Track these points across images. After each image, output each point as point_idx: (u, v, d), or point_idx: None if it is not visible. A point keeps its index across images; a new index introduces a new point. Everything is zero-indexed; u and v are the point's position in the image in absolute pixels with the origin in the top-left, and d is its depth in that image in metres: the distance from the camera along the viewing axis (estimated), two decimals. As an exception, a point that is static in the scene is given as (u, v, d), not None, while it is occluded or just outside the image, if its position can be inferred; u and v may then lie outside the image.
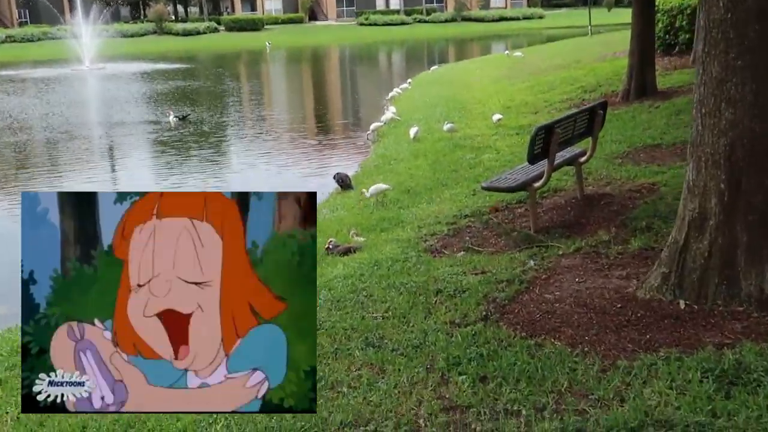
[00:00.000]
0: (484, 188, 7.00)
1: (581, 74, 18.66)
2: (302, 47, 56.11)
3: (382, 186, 9.70)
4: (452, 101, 18.60)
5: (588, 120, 7.39)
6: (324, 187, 11.55)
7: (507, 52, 30.97)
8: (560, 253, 5.94)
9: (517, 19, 75.62)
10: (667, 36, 17.79)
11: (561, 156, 7.15)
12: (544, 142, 6.49)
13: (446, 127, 13.55)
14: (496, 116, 14.00)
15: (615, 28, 42.72)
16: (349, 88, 31.73)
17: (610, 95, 14.54)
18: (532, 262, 5.74)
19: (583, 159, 7.60)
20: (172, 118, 19.59)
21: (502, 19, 75.39)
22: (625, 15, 56.05)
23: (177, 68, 39.15)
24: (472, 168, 10.60)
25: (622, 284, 5.03)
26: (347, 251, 7.30)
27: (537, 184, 6.77)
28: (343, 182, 11.30)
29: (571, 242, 6.16)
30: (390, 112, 16.67)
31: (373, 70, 39.69)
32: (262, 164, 14.52)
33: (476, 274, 5.65)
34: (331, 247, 7.47)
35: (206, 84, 31.77)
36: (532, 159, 6.51)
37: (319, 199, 10.80)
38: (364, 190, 9.96)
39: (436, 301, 5.16)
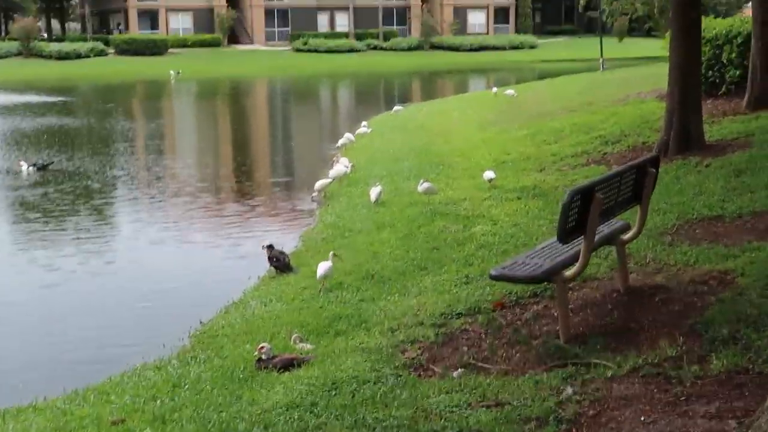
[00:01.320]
0: (493, 278, 6.53)
1: (597, 120, 18.63)
2: (220, 78, 56.24)
3: (326, 266, 9.48)
4: (425, 153, 18.47)
5: (635, 181, 7.11)
6: (252, 269, 10.93)
7: (495, 89, 31.12)
8: (609, 375, 5.64)
9: (503, 48, 77.92)
10: (710, 72, 17.76)
11: (598, 231, 6.70)
12: (580, 212, 6.06)
13: (421, 187, 13.17)
14: (488, 174, 13.73)
15: (630, 63, 43.78)
16: (281, 133, 31.46)
17: (640, 148, 14.39)
18: (570, 390, 5.44)
19: (627, 236, 7.40)
20: (25, 169, 19.40)
21: (482, 48, 77.03)
22: (641, 47, 58.35)
23: (49, 102, 38.77)
24: (460, 245, 10.32)
25: (714, 428, 4.61)
26: (288, 365, 7.02)
27: (569, 273, 6.42)
28: (279, 262, 10.70)
29: (623, 359, 5.88)
30: (342, 165, 16.29)
31: (315, 111, 39.74)
32: (168, 239, 13.76)
33: (488, 406, 5.32)
34: (264, 357, 7.11)
35: (89, 123, 31.30)
36: (564, 235, 6.09)
37: (247, 285, 10.30)
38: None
39: (432, 452, 4.65)
